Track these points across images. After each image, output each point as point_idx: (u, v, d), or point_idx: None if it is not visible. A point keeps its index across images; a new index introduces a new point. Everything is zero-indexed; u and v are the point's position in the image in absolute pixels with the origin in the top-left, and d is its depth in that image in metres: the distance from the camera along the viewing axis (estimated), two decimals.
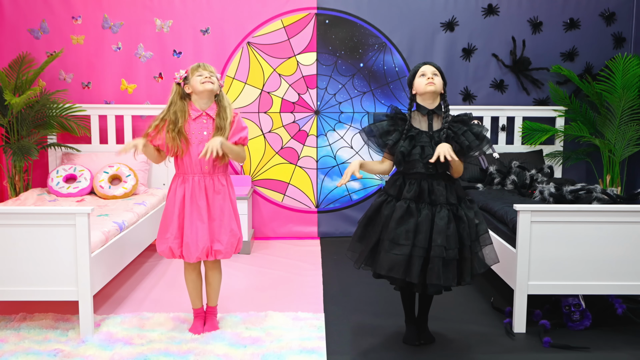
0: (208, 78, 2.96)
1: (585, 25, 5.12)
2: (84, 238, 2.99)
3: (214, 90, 2.99)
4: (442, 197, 2.75)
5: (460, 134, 2.76)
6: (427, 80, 2.79)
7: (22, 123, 4.61)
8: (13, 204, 4.15)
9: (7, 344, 2.97)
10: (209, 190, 3.01)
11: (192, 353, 2.87)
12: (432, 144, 2.77)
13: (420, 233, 2.69)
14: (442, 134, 2.77)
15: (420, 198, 2.76)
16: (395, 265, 2.67)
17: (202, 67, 2.99)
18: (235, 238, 3.03)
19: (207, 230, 2.99)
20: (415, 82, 2.84)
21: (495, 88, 5.18)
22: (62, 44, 4.90)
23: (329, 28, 5.05)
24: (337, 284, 3.98)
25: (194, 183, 3.00)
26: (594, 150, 5.09)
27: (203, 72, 2.97)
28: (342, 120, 5.17)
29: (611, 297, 3.36)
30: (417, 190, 2.76)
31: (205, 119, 3.00)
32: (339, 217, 5.26)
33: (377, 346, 3.02)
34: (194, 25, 4.98)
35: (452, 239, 2.69)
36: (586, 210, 3.11)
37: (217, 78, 3.02)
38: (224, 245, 3.00)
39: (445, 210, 2.72)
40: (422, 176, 2.78)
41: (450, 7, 5.07)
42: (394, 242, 2.69)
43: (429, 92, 2.79)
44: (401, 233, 2.69)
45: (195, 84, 2.97)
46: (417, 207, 2.74)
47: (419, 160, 2.76)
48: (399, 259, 2.67)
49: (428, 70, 2.81)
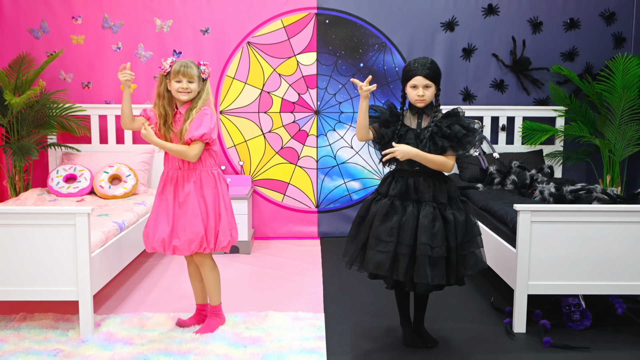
0: (185, 89, 2.95)
1: (585, 25, 5.12)
2: (84, 238, 2.99)
3: (189, 99, 2.99)
4: (428, 194, 2.75)
5: (445, 127, 2.76)
6: (416, 96, 2.77)
7: (22, 123, 4.61)
8: (13, 204, 4.15)
9: (7, 344, 2.97)
10: (179, 186, 3.02)
11: (192, 353, 2.87)
12: (416, 141, 2.78)
13: (405, 230, 2.70)
14: (426, 132, 2.78)
15: (406, 195, 2.78)
16: (380, 263, 2.70)
17: (182, 73, 2.94)
18: (195, 236, 2.97)
19: (168, 224, 3.00)
20: (407, 89, 2.82)
21: (495, 88, 5.18)
22: (62, 44, 4.90)
23: (329, 28, 5.05)
24: (337, 284, 3.98)
25: (167, 177, 3.06)
26: (594, 150, 5.09)
27: (182, 79, 2.95)
28: (342, 120, 5.17)
29: (611, 297, 3.36)
30: (404, 188, 2.78)
31: (179, 115, 3.03)
32: (339, 217, 5.26)
33: (377, 346, 3.02)
34: (194, 25, 4.98)
35: (438, 237, 2.69)
36: (586, 210, 3.11)
37: (199, 78, 2.98)
38: (180, 241, 2.98)
39: (430, 208, 2.73)
40: (409, 173, 2.79)
41: (450, 7, 5.07)
42: (377, 239, 2.72)
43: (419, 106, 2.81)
44: (385, 230, 2.71)
45: (173, 89, 2.98)
46: (402, 205, 2.75)
47: None
48: (383, 256, 2.69)
49: (420, 83, 2.76)
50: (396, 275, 2.72)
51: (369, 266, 2.75)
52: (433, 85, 2.79)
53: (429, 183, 2.78)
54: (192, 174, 3.02)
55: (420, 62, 2.77)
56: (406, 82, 2.81)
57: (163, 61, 2.98)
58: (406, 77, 2.81)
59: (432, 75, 2.77)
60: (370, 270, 2.77)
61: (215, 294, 3.17)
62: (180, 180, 3.02)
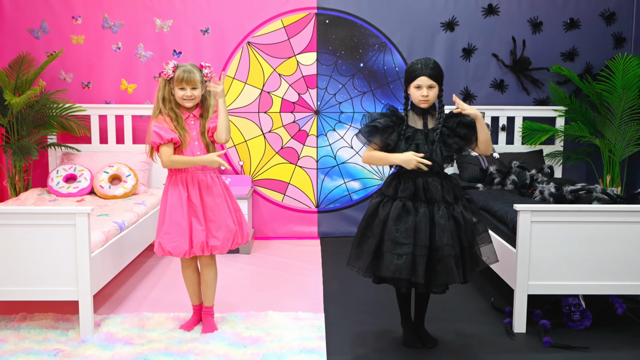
0: (189, 96, 2.95)
1: (585, 25, 5.12)
2: (84, 238, 2.99)
3: (193, 105, 3.00)
4: (438, 194, 2.75)
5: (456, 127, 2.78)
6: (420, 97, 2.76)
7: (22, 123, 4.61)
8: (13, 204, 4.15)
9: (7, 344, 2.98)
10: (203, 187, 3.02)
11: (192, 353, 2.87)
12: (427, 141, 2.77)
13: (420, 232, 2.68)
14: (435, 134, 2.78)
15: (415, 196, 2.76)
16: (400, 266, 2.65)
17: (186, 81, 2.93)
18: (230, 233, 3.03)
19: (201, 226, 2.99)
20: (411, 89, 2.81)
21: (495, 88, 5.18)
22: (62, 44, 4.90)
23: (329, 28, 5.05)
24: (337, 284, 3.98)
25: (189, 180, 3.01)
26: (594, 150, 5.09)
27: (186, 87, 2.94)
28: (342, 120, 5.17)
29: (611, 297, 3.36)
30: (412, 189, 2.76)
31: (192, 120, 3.03)
32: (339, 217, 5.26)
33: (377, 346, 3.02)
34: (194, 25, 4.98)
35: (454, 236, 2.70)
36: (586, 210, 3.11)
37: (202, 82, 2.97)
38: (220, 240, 3.00)
39: (443, 208, 2.72)
40: (417, 174, 2.78)
41: (450, 7, 5.07)
42: (395, 241, 2.68)
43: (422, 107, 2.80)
44: (401, 232, 2.68)
45: (177, 96, 2.97)
46: (413, 206, 2.74)
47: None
48: (402, 259, 2.65)
49: (424, 84, 2.75)
50: (414, 277, 2.67)
51: (387, 271, 2.67)
52: (437, 86, 2.78)
53: (437, 183, 2.77)
54: (213, 174, 3.06)
55: (424, 63, 2.76)
56: (409, 83, 2.80)
57: (165, 65, 2.95)
58: (409, 78, 2.79)
59: (435, 76, 2.76)
60: (390, 275, 2.68)
61: (213, 295, 3.19)
62: (203, 182, 3.02)
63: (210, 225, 3.01)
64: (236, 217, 3.12)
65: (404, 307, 3.04)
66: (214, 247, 3.01)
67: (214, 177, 3.06)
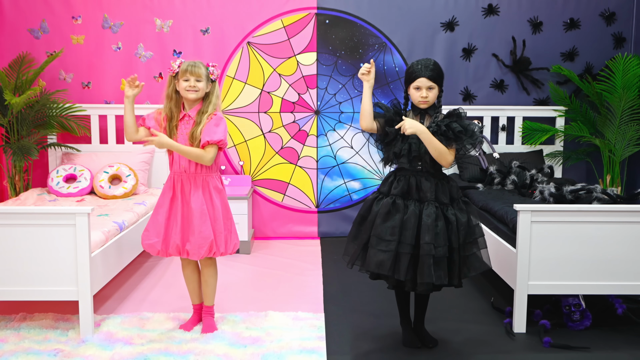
0: (193, 87, 2.95)
1: (585, 25, 5.12)
2: (84, 238, 2.99)
3: (197, 98, 2.99)
4: (431, 194, 2.75)
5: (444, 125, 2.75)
6: (420, 98, 2.77)
7: (22, 123, 4.61)
8: (13, 204, 4.15)
9: (7, 344, 2.97)
10: (185, 189, 3.03)
11: (192, 353, 2.87)
12: (419, 141, 2.77)
13: (406, 230, 2.70)
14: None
15: (408, 194, 2.78)
16: (382, 262, 2.69)
17: (190, 72, 2.94)
18: (205, 241, 2.97)
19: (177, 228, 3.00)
20: (410, 90, 2.82)
21: (495, 88, 5.18)
22: (62, 44, 4.90)
23: (329, 28, 5.05)
24: (337, 284, 3.98)
25: (175, 182, 3.04)
26: (594, 150, 5.09)
27: (190, 78, 2.95)
28: (342, 120, 5.17)
29: (611, 297, 3.36)
30: (405, 187, 2.78)
31: (187, 119, 3.03)
32: (339, 217, 5.26)
33: (377, 346, 3.02)
34: (194, 25, 4.98)
35: (440, 236, 2.70)
36: (586, 210, 3.11)
37: (207, 77, 2.98)
38: (191, 245, 2.99)
39: (432, 207, 2.73)
40: (411, 172, 2.80)
41: (450, 7, 5.07)
42: (379, 238, 2.72)
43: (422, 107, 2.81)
44: (387, 229, 2.71)
45: (181, 88, 2.98)
46: (404, 204, 2.75)
47: (406, 156, 2.79)
48: (385, 255, 2.69)
49: (423, 85, 2.76)
50: (397, 274, 2.71)
51: (370, 265, 2.74)
52: (436, 87, 2.79)
53: (431, 182, 2.78)
54: (198, 178, 3.02)
55: (424, 64, 2.77)
56: (409, 84, 2.81)
57: (172, 62, 2.99)
58: (409, 79, 2.80)
59: (435, 77, 2.77)
60: (372, 270, 2.77)
61: (213, 295, 3.19)
62: (186, 184, 3.02)
63: (186, 228, 3.02)
64: (224, 226, 3.04)
65: (402, 307, 3.04)
66: (188, 251, 3.01)
67: (207, 180, 3.03)
